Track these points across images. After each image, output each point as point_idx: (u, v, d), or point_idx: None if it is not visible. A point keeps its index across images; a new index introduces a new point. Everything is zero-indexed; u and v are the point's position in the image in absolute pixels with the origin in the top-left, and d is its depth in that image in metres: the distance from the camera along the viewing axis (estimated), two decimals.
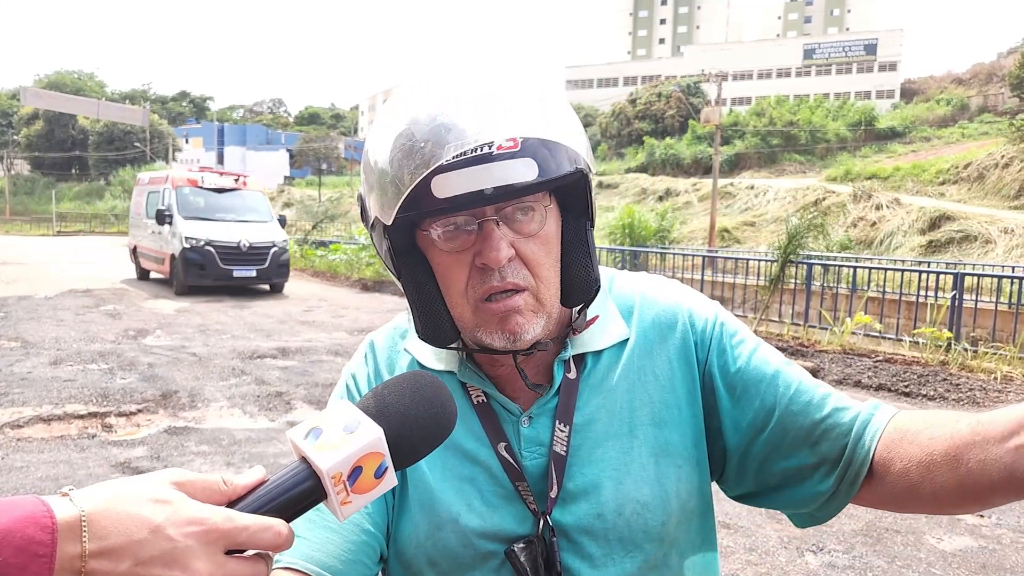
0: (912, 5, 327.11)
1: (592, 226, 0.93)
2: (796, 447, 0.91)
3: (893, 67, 66.27)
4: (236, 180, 16.33)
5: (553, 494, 0.91)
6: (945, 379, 8.02)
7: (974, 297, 9.69)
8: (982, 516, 4.54)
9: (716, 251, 22.41)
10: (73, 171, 68.22)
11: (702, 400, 0.96)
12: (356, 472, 0.67)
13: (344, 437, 0.67)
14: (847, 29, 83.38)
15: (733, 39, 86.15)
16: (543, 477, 0.92)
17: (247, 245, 14.65)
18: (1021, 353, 8.57)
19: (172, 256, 14.71)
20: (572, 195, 0.90)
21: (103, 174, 63.15)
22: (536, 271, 0.87)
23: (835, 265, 11.93)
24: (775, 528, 4.23)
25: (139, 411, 6.27)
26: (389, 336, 1.07)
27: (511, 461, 0.93)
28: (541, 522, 0.91)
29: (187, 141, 75.55)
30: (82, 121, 64.28)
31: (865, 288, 11.46)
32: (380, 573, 1.00)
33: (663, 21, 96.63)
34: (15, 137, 68.01)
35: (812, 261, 11.79)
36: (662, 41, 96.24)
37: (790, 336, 10.38)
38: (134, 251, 17.77)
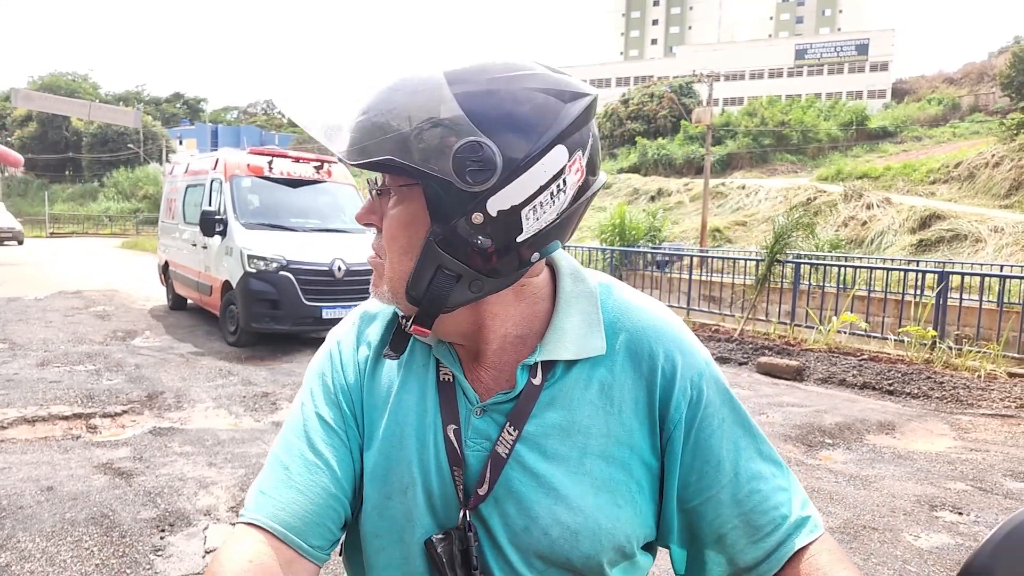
0: (903, 5, 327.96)
1: (435, 239, 0.85)
2: (724, 535, 0.93)
3: (884, 67, 66.50)
4: (319, 168, 10.68)
5: (482, 491, 0.91)
6: (929, 377, 8.07)
7: (959, 296, 9.73)
8: (960, 513, 4.58)
9: (707, 250, 22.46)
10: (67, 173, 67.95)
11: (662, 450, 0.94)
12: None
13: None
14: (839, 29, 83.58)
15: (725, 39, 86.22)
16: (479, 471, 0.92)
17: (343, 268, 9.18)
18: (1005, 351, 8.63)
19: (226, 284, 9.61)
20: (433, 200, 0.84)
21: (96, 176, 62.90)
22: (386, 247, 0.91)
23: (821, 264, 11.96)
24: None
25: (124, 412, 6.26)
26: (384, 305, 1.05)
27: (454, 444, 0.93)
28: (460, 515, 0.92)
29: (181, 142, 75.33)
30: (76, 123, 64.04)
31: (850, 287, 11.50)
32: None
33: (655, 22, 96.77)
34: (8, 139, 67.71)
35: (799, 260, 11.83)
36: (654, 42, 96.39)
37: (776, 335, 10.42)
38: (165, 269, 12.73)
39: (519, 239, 0.85)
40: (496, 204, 0.82)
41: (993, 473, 5.35)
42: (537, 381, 0.93)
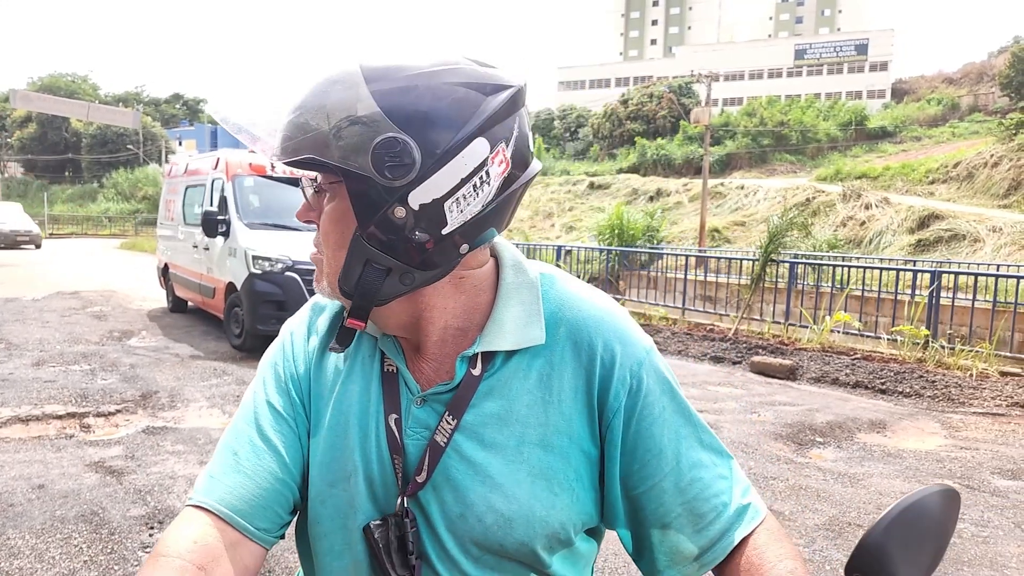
0: (903, 5, 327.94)
1: (360, 234, 0.88)
2: (669, 524, 0.95)
3: (884, 67, 66.49)
4: None
5: (420, 479, 0.94)
6: (921, 376, 8.10)
7: (951, 295, 9.76)
8: None
9: (706, 250, 22.50)
10: (66, 174, 68.03)
11: (601, 439, 0.96)
12: None
13: None
14: (838, 29, 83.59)
15: (725, 40, 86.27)
16: (418, 460, 0.95)
17: None
18: (998, 351, 8.66)
19: (230, 285, 9.55)
20: (355, 196, 0.87)
21: (96, 177, 62.97)
22: (323, 243, 0.94)
23: (816, 264, 11.99)
24: None
25: (118, 411, 6.30)
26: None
27: (395, 433, 0.95)
28: (398, 502, 0.95)
29: (180, 143, 75.29)
30: (75, 124, 64.12)
31: (844, 286, 11.53)
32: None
33: (655, 22, 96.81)
34: (8, 140, 67.82)
35: (792, 260, 11.86)
36: (654, 42, 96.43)
37: (771, 334, 10.45)
38: (164, 271, 12.68)
39: (444, 231, 0.86)
40: (417, 198, 0.84)
41: (981, 471, 5.38)
42: (476, 372, 0.95)
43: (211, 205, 10.17)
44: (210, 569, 0.86)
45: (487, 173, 0.85)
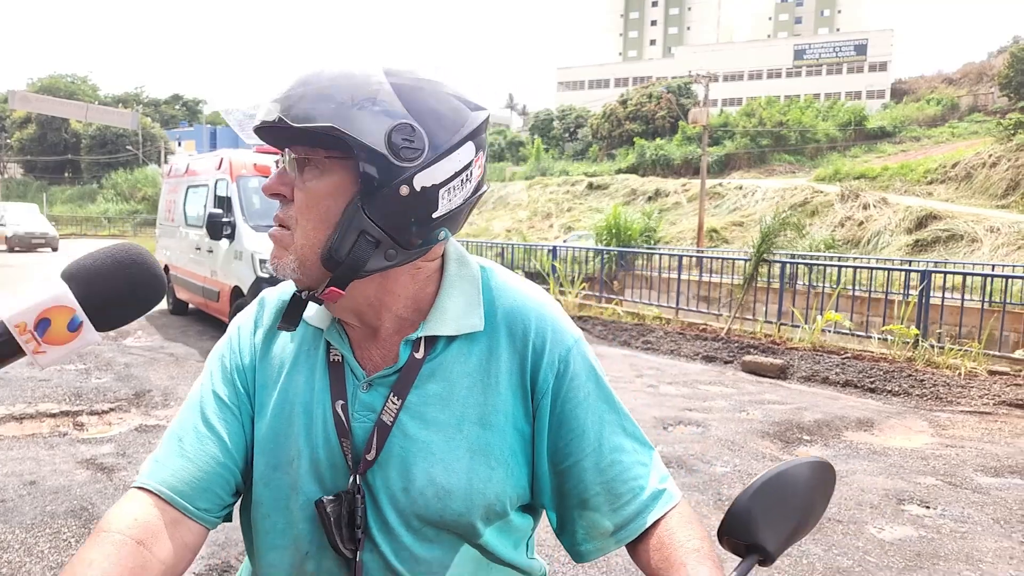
0: (902, 5, 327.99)
1: (363, 208, 0.94)
2: (587, 500, 1.04)
3: (883, 67, 66.57)
4: None
5: (370, 457, 1.00)
6: (910, 375, 8.15)
7: (940, 295, 9.82)
8: (928, 507, 4.66)
9: (704, 251, 22.54)
10: (66, 174, 68.16)
11: (533, 418, 1.04)
12: (44, 323, 0.76)
13: (28, 293, 0.77)
14: (837, 30, 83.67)
15: (724, 40, 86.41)
16: (365, 440, 1.01)
17: None
18: (987, 350, 8.71)
19: (235, 289, 9.33)
20: (366, 171, 0.93)
21: (96, 177, 63.09)
22: (298, 218, 0.98)
23: (808, 264, 12.05)
24: (719, 519, 4.34)
25: (111, 410, 6.36)
26: (282, 292, 1.15)
27: (342, 418, 1.01)
28: (351, 479, 1.01)
29: (180, 144, 75.27)
30: (75, 125, 64.24)
31: (836, 286, 11.59)
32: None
33: (654, 22, 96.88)
34: (8, 141, 67.93)
35: (784, 260, 11.91)
36: (653, 42, 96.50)
37: (763, 334, 10.51)
38: (164, 273, 11.03)
39: (434, 215, 0.96)
40: (421, 180, 0.94)
41: (964, 468, 5.43)
42: (419, 355, 1.02)
43: (214, 206, 9.90)
44: (148, 544, 0.92)
45: (470, 173, 0.98)
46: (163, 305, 12.79)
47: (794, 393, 7.84)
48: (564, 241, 25.59)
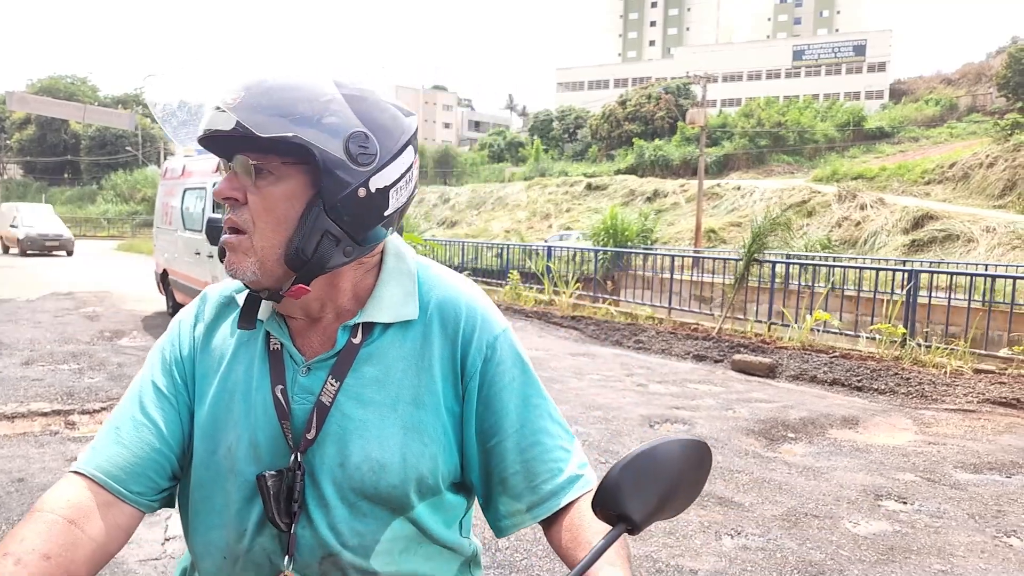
0: (901, 6, 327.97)
1: (325, 210, 1.01)
2: (507, 477, 1.12)
3: (882, 68, 66.62)
4: None
5: (310, 436, 1.07)
6: (897, 374, 8.21)
7: (927, 294, 9.89)
8: (904, 503, 4.72)
9: (702, 251, 22.61)
10: (65, 175, 68.23)
11: (463, 398, 1.12)
12: None
13: None
14: (836, 30, 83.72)
15: (723, 41, 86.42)
16: (306, 421, 1.08)
17: None
18: (974, 348, 8.77)
19: None
20: (326, 175, 1.00)
21: (95, 178, 63.16)
22: (255, 221, 1.03)
23: (799, 263, 12.11)
24: (697, 514, 4.41)
25: (103, 409, 6.42)
26: (224, 288, 1.22)
27: (282, 402, 1.09)
28: (292, 457, 1.07)
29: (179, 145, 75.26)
30: (74, 126, 64.29)
31: (826, 285, 11.65)
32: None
33: (653, 23, 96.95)
34: (7, 142, 68.00)
35: (775, 260, 11.98)
36: (652, 43, 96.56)
37: (753, 333, 10.56)
38: (163, 277, 11.95)
39: (386, 213, 1.07)
40: (375, 183, 1.03)
41: (944, 465, 5.49)
42: (357, 340, 1.10)
43: (213, 210, 9.67)
44: (80, 523, 0.98)
45: (412, 174, 1.10)
46: (161, 306, 12.84)
47: (782, 391, 7.91)
48: (545, 241, 25.63)
